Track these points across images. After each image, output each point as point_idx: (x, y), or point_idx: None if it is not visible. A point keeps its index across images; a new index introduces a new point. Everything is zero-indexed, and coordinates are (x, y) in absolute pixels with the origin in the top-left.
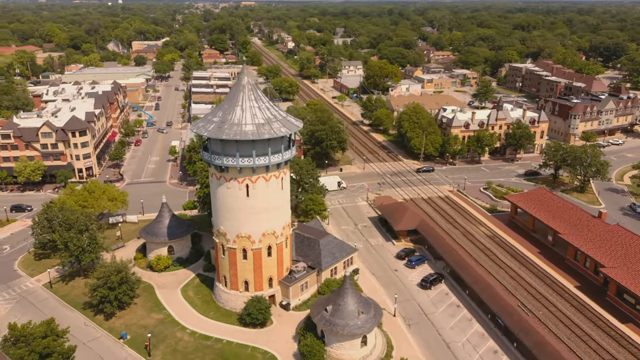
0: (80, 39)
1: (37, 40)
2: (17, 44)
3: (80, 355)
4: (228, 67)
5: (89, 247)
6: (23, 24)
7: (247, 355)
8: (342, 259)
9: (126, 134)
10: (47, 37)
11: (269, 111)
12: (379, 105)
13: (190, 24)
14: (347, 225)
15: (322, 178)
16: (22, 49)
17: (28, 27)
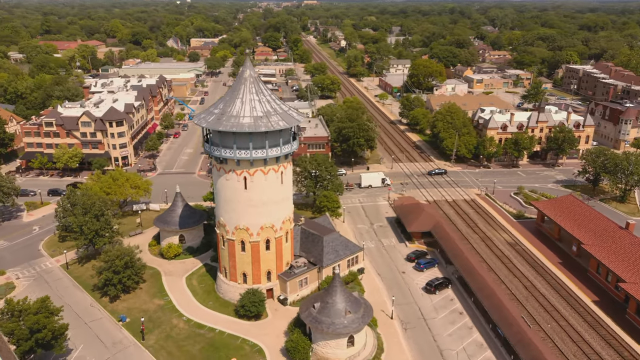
0: (141, 35)
1: (102, 35)
2: (84, 38)
3: (80, 334)
4: (276, 64)
5: (102, 231)
6: (93, 20)
7: (236, 346)
8: (345, 257)
9: (165, 126)
10: (111, 33)
11: (269, 104)
12: (417, 104)
13: (248, 22)
14: (362, 224)
15: (365, 174)
16: (85, 44)
17: (96, 23)
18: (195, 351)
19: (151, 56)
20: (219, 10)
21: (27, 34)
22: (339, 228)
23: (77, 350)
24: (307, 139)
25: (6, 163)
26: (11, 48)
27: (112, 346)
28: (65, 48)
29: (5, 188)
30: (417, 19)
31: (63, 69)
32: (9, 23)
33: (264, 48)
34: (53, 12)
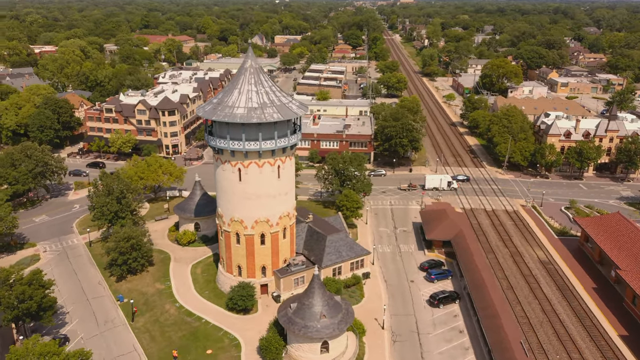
0: (229, 32)
1: (193, 31)
2: (176, 33)
3: (79, 309)
4: (350, 62)
5: (121, 213)
6: (189, 17)
7: (216, 337)
8: (349, 260)
9: None
10: (202, 29)
11: (267, 96)
12: (479, 106)
13: (335, 21)
14: (385, 228)
15: (430, 175)
16: (173, 38)
17: (191, 19)
18: (176, 338)
19: (232, 51)
20: (312, 8)
21: (128, 28)
22: (360, 229)
23: (71, 324)
24: (349, 137)
25: (72, 145)
26: (110, 41)
27: (103, 324)
28: (157, 42)
29: (53, 167)
30: (513, 18)
31: (147, 61)
32: (114, 18)
33: (343, 46)
34: (158, 9)
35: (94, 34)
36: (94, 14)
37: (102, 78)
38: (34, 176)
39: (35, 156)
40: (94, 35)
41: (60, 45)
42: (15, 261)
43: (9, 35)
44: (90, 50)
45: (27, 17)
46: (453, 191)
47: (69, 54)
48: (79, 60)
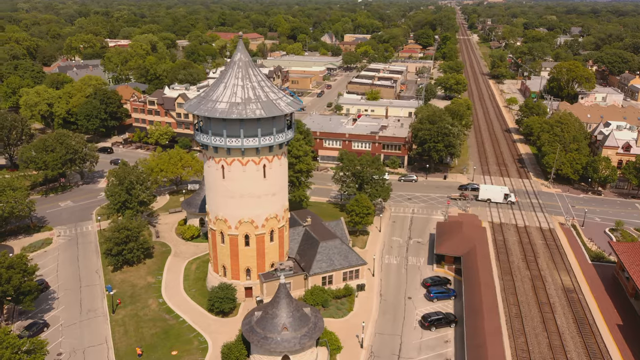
0: (299, 30)
1: (264, 29)
2: (248, 31)
3: (69, 295)
4: (414, 62)
5: (129, 203)
6: (266, 16)
7: (187, 339)
8: (341, 269)
9: None
10: (274, 27)
11: (253, 91)
12: (537, 111)
13: (410, 20)
14: (399, 237)
15: (485, 186)
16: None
17: (266, 18)
18: (148, 335)
19: (296, 49)
20: (392, 7)
21: (205, 25)
22: (370, 237)
23: (57, 310)
24: (382, 139)
25: (120, 135)
26: (186, 37)
27: (86, 313)
28: (226, 39)
29: (82, 154)
30: (607, 19)
31: (211, 57)
32: (195, 15)
33: (413, 45)
34: (240, 7)
35: (171, 30)
36: (178, 11)
37: (160, 72)
38: (64, 162)
39: (67, 143)
40: (170, 31)
41: (133, 40)
42: (28, 243)
43: (91, 30)
44: (159, 46)
45: (115, 13)
46: (510, 205)
47: (137, 48)
48: (142, 54)
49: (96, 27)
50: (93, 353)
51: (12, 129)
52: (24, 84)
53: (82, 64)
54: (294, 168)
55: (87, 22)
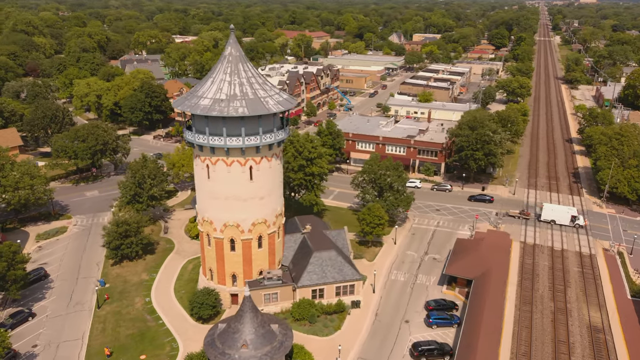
0: (366, 29)
1: (332, 28)
2: (315, 29)
3: (63, 287)
4: (481, 63)
5: (139, 197)
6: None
7: (160, 343)
8: (334, 283)
9: (307, 113)
10: (341, 25)
11: (241, 87)
12: (602, 121)
13: (487, 19)
14: (414, 252)
15: (549, 205)
16: (303, 33)
17: (335, 16)
18: (123, 336)
19: (358, 48)
20: (472, 7)
21: (274, 23)
22: (383, 249)
23: (47, 300)
24: (417, 143)
25: (164, 128)
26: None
27: (73, 306)
28: (289, 37)
29: (113, 145)
30: None
31: (269, 54)
32: (266, 14)
33: (485, 46)
34: (315, 6)
35: (240, 27)
36: (253, 10)
37: (208, 67)
38: (94, 153)
39: (97, 134)
40: (240, 29)
41: (199, 37)
42: (44, 230)
43: (164, 26)
44: (222, 43)
45: (192, 11)
46: (577, 228)
47: (198, 45)
48: (201, 51)
49: (168, 23)
50: (66, 348)
51: (54, 118)
52: (81, 75)
53: (143, 58)
54: (304, 171)
55: (162, 19)
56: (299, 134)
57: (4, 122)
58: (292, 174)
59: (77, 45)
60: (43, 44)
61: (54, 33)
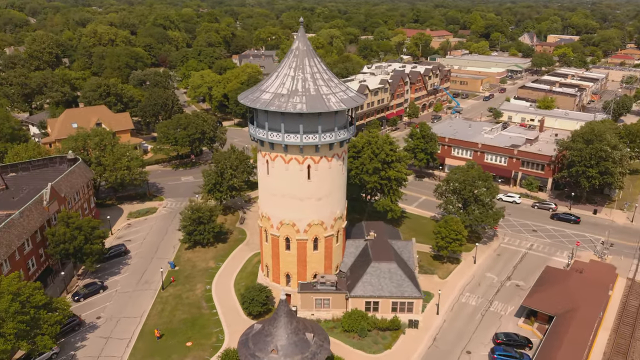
0: (493, 28)
1: (456, 26)
2: (438, 28)
3: (138, 264)
4: (622, 69)
5: (219, 186)
6: (469, 12)
7: (207, 332)
8: (390, 298)
9: (409, 114)
10: (467, 24)
11: (304, 83)
12: None
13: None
14: (495, 275)
15: None
16: (422, 32)
17: (462, 15)
18: (178, 319)
19: (482, 48)
20: (624, 7)
21: (396, 22)
22: (459, 267)
23: (121, 275)
24: (521, 154)
25: None
26: (374, 33)
27: (141, 284)
28: (409, 35)
29: (210, 134)
30: None
31: (384, 53)
32: (389, 12)
33: (632, 50)
34: (443, 5)
35: (361, 26)
36: (378, 9)
37: None
38: (192, 141)
39: (196, 123)
40: (360, 27)
41: (317, 34)
42: (136, 209)
43: (287, 24)
44: (336, 41)
45: (318, 9)
46: None
47: (313, 41)
48: (313, 47)
49: (292, 21)
50: (125, 324)
51: (164, 105)
52: (199, 68)
53: (259, 53)
54: (380, 174)
55: (287, 17)
56: (378, 135)
57: (123, 107)
58: (366, 176)
59: (204, 39)
60: (176, 38)
61: (189, 28)
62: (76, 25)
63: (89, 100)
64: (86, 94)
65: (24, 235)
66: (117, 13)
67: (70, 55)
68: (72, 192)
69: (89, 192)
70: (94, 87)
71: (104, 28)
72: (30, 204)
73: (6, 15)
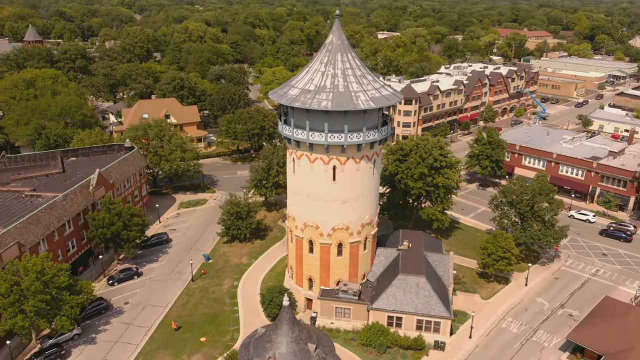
0: (600, 30)
1: (556, 27)
2: (537, 28)
3: (176, 253)
4: None
5: (264, 181)
6: (574, 12)
7: (224, 330)
8: (415, 315)
9: (485, 118)
10: (570, 25)
11: (333, 79)
12: None
13: None
14: (546, 301)
15: None
16: (517, 32)
17: (565, 15)
18: (199, 313)
19: (583, 51)
20: None
21: (492, 21)
22: (506, 289)
23: (158, 263)
24: (601, 168)
25: None
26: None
27: (174, 274)
28: (502, 35)
29: (269, 131)
30: None
31: (470, 53)
32: (486, 11)
33: None
34: (549, 4)
35: (452, 25)
36: (475, 7)
37: (402, 64)
38: (251, 136)
39: (256, 119)
40: (452, 26)
41: (401, 32)
42: (187, 199)
43: (374, 22)
44: (419, 40)
45: (408, 8)
46: None
47: (397, 40)
48: (393, 46)
49: (379, 20)
50: (149, 312)
51: (231, 100)
52: (275, 65)
53: None
54: (426, 180)
55: (375, 15)
56: (428, 138)
57: (194, 100)
58: (410, 181)
59: (287, 37)
60: (262, 35)
61: (277, 26)
62: (174, 22)
63: (164, 92)
64: (161, 87)
65: (65, 217)
66: (213, 11)
67: (163, 50)
68: (122, 179)
69: (141, 180)
70: (168, 81)
71: (195, 25)
72: (75, 188)
73: (115, 12)
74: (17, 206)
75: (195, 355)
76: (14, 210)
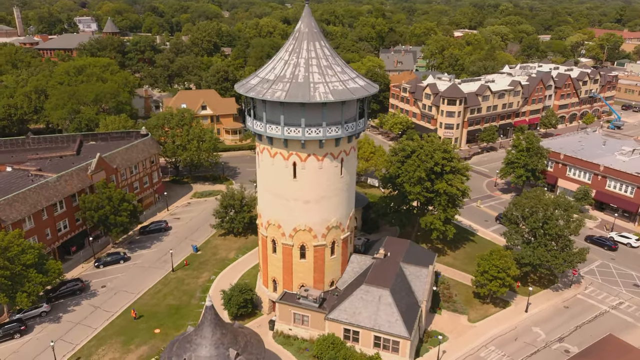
0: None
1: None
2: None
3: (170, 241)
4: None
5: None
6: None
7: (182, 323)
8: (371, 330)
9: (544, 123)
10: None
11: (295, 68)
12: None
13: None
14: (543, 332)
15: None
16: (613, 32)
17: None
18: (164, 304)
19: None
20: None
21: (593, 21)
22: (506, 311)
23: (148, 250)
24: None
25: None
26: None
27: (159, 263)
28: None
29: None
30: None
31: (552, 53)
32: (587, 10)
33: None
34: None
35: (545, 25)
36: (577, 6)
37: (468, 63)
38: None
39: None
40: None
41: (478, 30)
42: (202, 190)
43: (455, 20)
44: (495, 39)
45: (500, 6)
46: None
47: (469, 38)
48: (462, 44)
49: (462, 17)
50: (120, 297)
51: None
52: None
53: (405, 49)
54: (424, 185)
55: (459, 13)
56: (434, 140)
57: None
58: (407, 185)
59: (356, 34)
60: (335, 32)
61: (353, 23)
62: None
63: (208, 84)
64: (207, 78)
65: (56, 197)
66: (292, 9)
67: (234, 45)
68: (128, 164)
69: (152, 167)
70: (213, 73)
71: (266, 20)
72: (72, 170)
73: (202, 9)
74: (19, 184)
75: (143, 346)
76: (15, 187)
